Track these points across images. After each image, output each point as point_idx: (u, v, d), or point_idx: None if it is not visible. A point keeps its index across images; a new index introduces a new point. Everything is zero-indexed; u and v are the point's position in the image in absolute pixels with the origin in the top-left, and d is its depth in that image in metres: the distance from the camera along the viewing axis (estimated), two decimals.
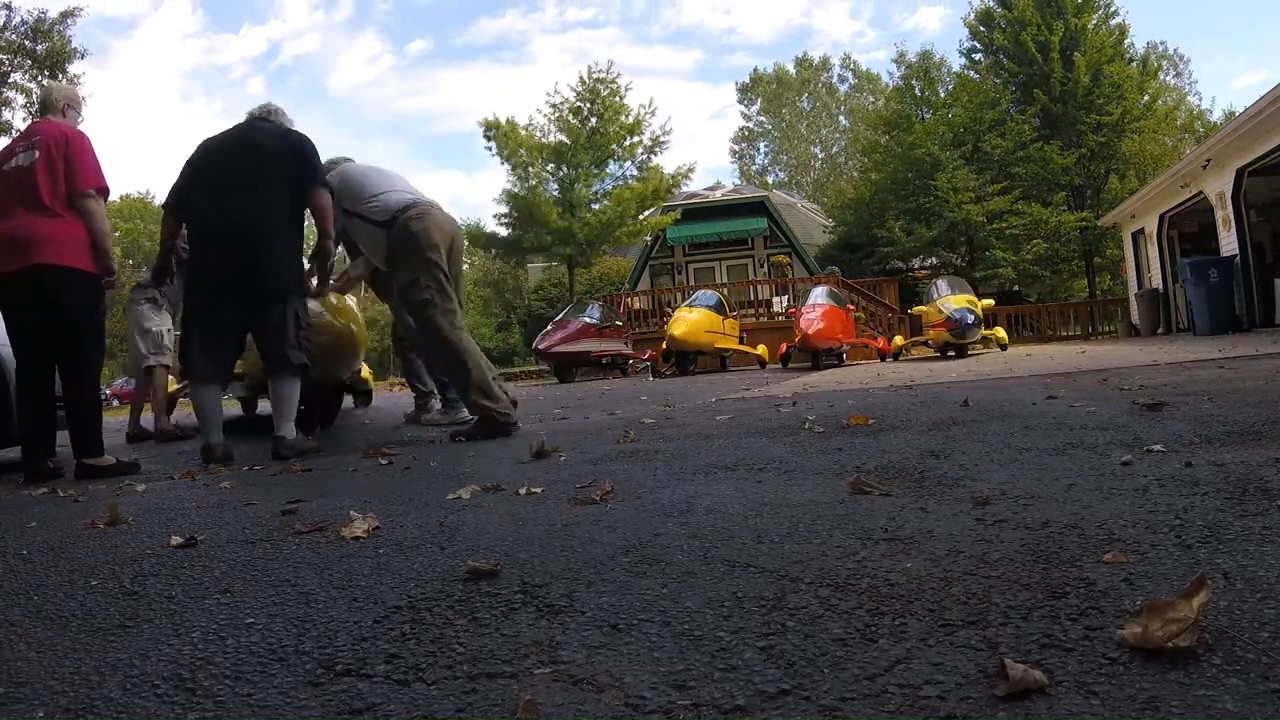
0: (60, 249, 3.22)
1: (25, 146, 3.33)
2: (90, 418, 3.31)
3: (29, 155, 3.28)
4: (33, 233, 3.20)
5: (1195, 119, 30.93)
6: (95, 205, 3.32)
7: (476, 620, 1.06)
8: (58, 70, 18.62)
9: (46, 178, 3.24)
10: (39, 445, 3.29)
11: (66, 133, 3.35)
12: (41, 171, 3.23)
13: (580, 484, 2.04)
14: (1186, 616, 0.83)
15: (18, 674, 0.97)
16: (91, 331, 3.35)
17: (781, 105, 46.26)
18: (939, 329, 11.29)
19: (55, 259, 3.20)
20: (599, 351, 13.51)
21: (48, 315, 3.24)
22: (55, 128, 3.36)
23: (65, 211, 3.26)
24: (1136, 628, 0.84)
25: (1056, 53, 21.27)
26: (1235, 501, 1.38)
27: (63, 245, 3.22)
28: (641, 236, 22.66)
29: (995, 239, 20.82)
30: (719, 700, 0.79)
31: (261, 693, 0.88)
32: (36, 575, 1.46)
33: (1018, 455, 2.02)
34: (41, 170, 3.24)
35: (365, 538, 1.56)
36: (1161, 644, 0.81)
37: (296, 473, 2.79)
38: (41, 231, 3.21)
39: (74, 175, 3.28)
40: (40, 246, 3.19)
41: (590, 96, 21.80)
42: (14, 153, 3.33)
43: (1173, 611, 0.84)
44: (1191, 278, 11.21)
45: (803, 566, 1.19)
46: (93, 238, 3.30)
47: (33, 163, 3.25)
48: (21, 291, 3.23)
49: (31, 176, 3.23)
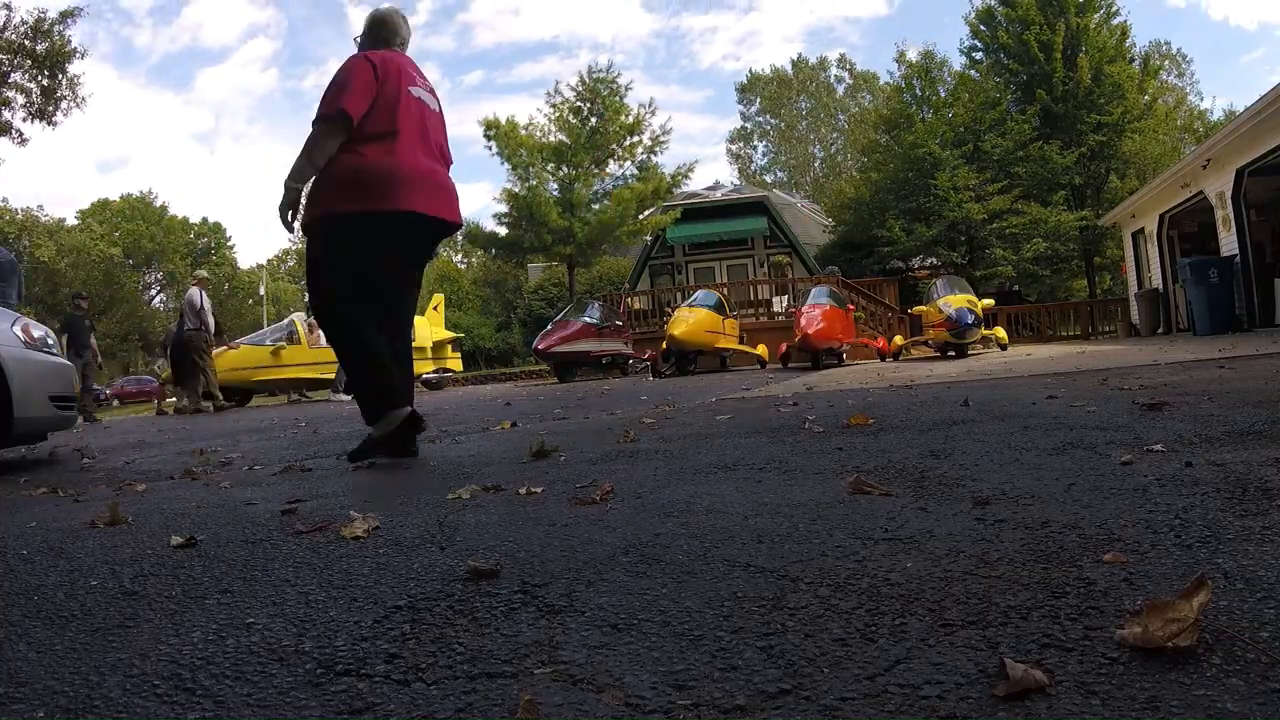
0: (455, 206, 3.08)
1: (423, 81, 3.08)
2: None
3: (428, 99, 3.06)
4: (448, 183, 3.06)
5: (1196, 119, 30.92)
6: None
7: (476, 620, 1.06)
8: (58, 70, 18.61)
9: (441, 131, 3.11)
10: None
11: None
12: (437, 122, 3.09)
13: (580, 484, 2.04)
14: (1186, 616, 0.83)
15: (18, 674, 0.97)
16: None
17: (780, 105, 46.26)
18: (939, 329, 11.30)
19: (456, 218, 3.06)
20: (599, 351, 13.52)
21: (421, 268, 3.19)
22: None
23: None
24: (1137, 628, 0.84)
25: (1059, 52, 21.27)
26: (1235, 501, 1.38)
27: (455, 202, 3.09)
28: (641, 236, 22.64)
29: (995, 238, 20.82)
30: (719, 700, 0.79)
31: (261, 693, 0.88)
32: (36, 575, 1.45)
33: (1018, 455, 2.02)
34: (436, 121, 3.09)
35: (365, 538, 1.56)
36: (1161, 644, 0.81)
37: (296, 472, 2.79)
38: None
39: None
40: (455, 203, 3.06)
41: (590, 96, 21.79)
42: (414, 80, 3.03)
43: (1173, 611, 0.84)
44: (1191, 278, 11.21)
45: (803, 566, 1.19)
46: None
47: (432, 109, 3.07)
48: (423, 243, 3.05)
49: (433, 122, 3.06)
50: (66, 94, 19.12)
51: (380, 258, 2.90)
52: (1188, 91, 34.99)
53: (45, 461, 4.29)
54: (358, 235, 2.83)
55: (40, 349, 4.05)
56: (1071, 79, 21.21)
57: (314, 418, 3.30)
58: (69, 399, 4.24)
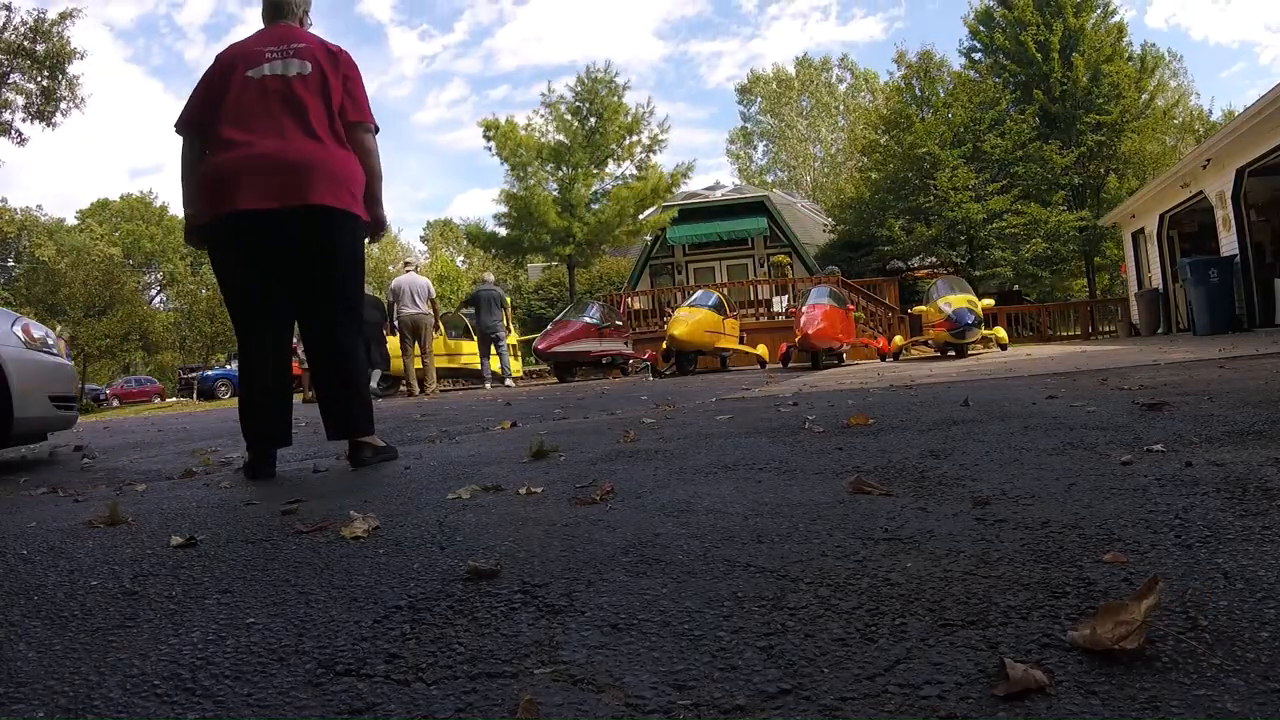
0: (338, 188, 2.67)
1: (280, 52, 2.71)
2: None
3: (294, 65, 2.69)
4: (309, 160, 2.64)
5: (1195, 119, 30.91)
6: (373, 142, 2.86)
7: (476, 620, 1.06)
8: (58, 70, 18.63)
9: (321, 98, 2.69)
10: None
11: (334, 49, 2.79)
12: (314, 89, 2.69)
13: (580, 484, 2.04)
14: (1135, 619, 0.83)
15: (18, 674, 0.97)
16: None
17: (781, 105, 46.26)
18: (939, 329, 11.29)
19: (332, 200, 2.65)
20: (599, 351, 13.50)
21: (315, 263, 2.70)
22: (317, 39, 2.82)
23: (337, 143, 2.73)
24: (1086, 630, 0.85)
25: (1056, 52, 21.28)
26: (1235, 501, 1.38)
27: (339, 184, 2.68)
28: (641, 236, 22.63)
29: (995, 238, 20.82)
30: (719, 700, 0.79)
31: (261, 693, 0.88)
32: (36, 575, 1.45)
33: (1018, 455, 2.02)
34: (315, 87, 2.69)
35: (365, 538, 1.56)
36: (1109, 646, 0.82)
37: (296, 472, 2.79)
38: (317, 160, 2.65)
39: (352, 104, 2.77)
40: (319, 181, 2.64)
41: (589, 96, 21.78)
42: (262, 56, 2.71)
43: (1124, 614, 0.84)
44: (1191, 278, 11.20)
45: (803, 566, 1.19)
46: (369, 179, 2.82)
47: (301, 75, 2.68)
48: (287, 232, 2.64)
49: (297, 92, 2.67)
50: (66, 94, 19.15)
51: (242, 270, 2.67)
52: (1186, 91, 34.97)
53: (45, 461, 4.30)
54: (211, 249, 2.73)
55: (40, 349, 4.05)
56: (1069, 78, 21.21)
57: (315, 418, 3.30)
58: (69, 399, 4.24)
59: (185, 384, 27.06)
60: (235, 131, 2.64)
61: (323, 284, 2.73)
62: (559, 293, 23.58)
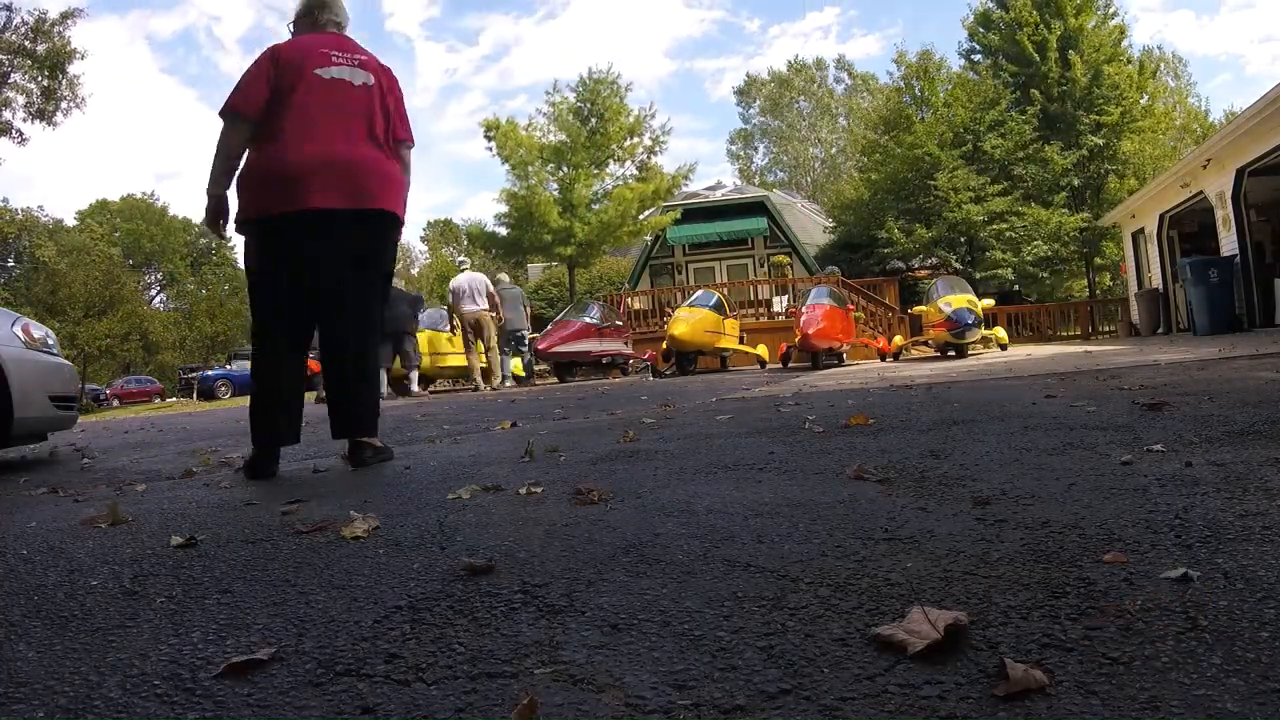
0: (398, 196, 2.80)
1: (346, 59, 2.79)
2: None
3: (359, 74, 2.78)
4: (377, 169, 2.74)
5: (1194, 119, 30.90)
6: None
7: (476, 620, 1.06)
8: (58, 70, 18.64)
9: (381, 111, 2.79)
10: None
11: (386, 67, 2.91)
12: (377, 100, 2.79)
13: (580, 484, 2.04)
14: (929, 633, 0.87)
15: (18, 674, 0.97)
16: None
17: (780, 105, 46.27)
18: (939, 329, 11.29)
19: (395, 206, 2.77)
20: (599, 351, 13.50)
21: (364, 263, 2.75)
22: (372, 55, 2.90)
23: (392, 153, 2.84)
24: (886, 630, 0.90)
25: (1054, 52, 21.26)
26: (1235, 502, 1.38)
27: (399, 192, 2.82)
28: (641, 236, 22.64)
29: (995, 240, 20.81)
30: (719, 700, 0.79)
31: (261, 693, 0.88)
32: (36, 575, 1.45)
33: (1018, 455, 2.02)
34: (377, 99, 2.79)
35: (365, 538, 1.56)
36: (901, 645, 0.87)
37: (296, 472, 2.79)
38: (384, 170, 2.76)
39: (401, 121, 2.89)
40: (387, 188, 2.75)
41: (590, 97, 21.78)
42: (328, 59, 2.75)
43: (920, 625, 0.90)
44: (1191, 278, 11.20)
45: (803, 566, 1.19)
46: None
47: (366, 85, 2.78)
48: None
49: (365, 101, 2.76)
50: (66, 94, 19.16)
51: (289, 268, 2.67)
52: (1185, 93, 34.93)
53: (45, 461, 4.29)
54: (260, 244, 2.69)
55: (40, 349, 4.05)
56: (1067, 78, 21.20)
57: (316, 418, 3.28)
58: (69, 399, 4.24)
59: (185, 384, 27.01)
60: (306, 129, 2.66)
61: (366, 284, 2.78)
62: (559, 293, 23.57)
